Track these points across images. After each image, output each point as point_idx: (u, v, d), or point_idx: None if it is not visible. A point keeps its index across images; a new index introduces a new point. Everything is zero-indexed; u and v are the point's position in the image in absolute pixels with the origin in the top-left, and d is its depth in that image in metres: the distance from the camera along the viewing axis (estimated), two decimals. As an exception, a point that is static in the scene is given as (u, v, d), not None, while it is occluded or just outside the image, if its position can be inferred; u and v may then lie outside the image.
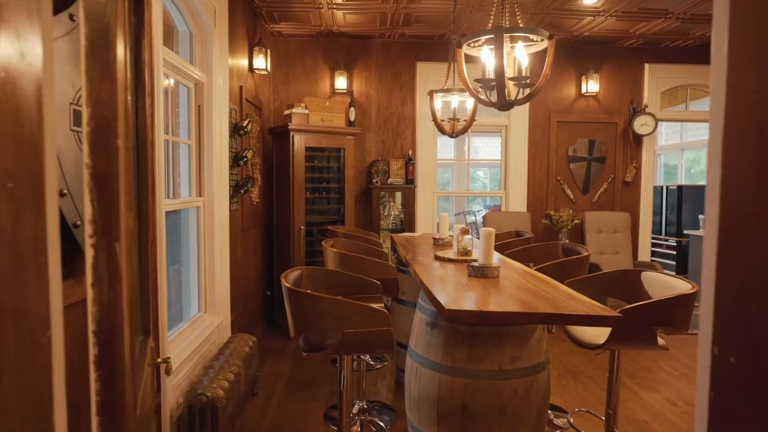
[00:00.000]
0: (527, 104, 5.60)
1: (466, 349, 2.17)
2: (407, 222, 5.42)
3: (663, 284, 2.32)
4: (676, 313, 2.05)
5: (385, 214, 5.56)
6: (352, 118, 5.30)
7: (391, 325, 1.98)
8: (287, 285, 1.96)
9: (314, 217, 5.12)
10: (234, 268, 3.88)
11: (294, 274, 2.21)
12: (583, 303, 1.96)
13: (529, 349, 2.19)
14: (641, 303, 2.00)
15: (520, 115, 5.65)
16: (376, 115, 5.57)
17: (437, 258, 3.02)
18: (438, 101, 3.66)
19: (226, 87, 3.67)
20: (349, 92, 5.42)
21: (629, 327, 1.96)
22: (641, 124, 5.57)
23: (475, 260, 2.93)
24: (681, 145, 8.58)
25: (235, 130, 3.87)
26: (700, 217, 6.99)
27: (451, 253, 3.12)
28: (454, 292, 2.10)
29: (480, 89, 2.32)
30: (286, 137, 4.81)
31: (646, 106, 5.59)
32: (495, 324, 1.94)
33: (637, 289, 2.42)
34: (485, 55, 2.19)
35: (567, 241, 5.49)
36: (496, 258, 3.00)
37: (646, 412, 3.35)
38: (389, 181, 5.44)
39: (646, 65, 5.64)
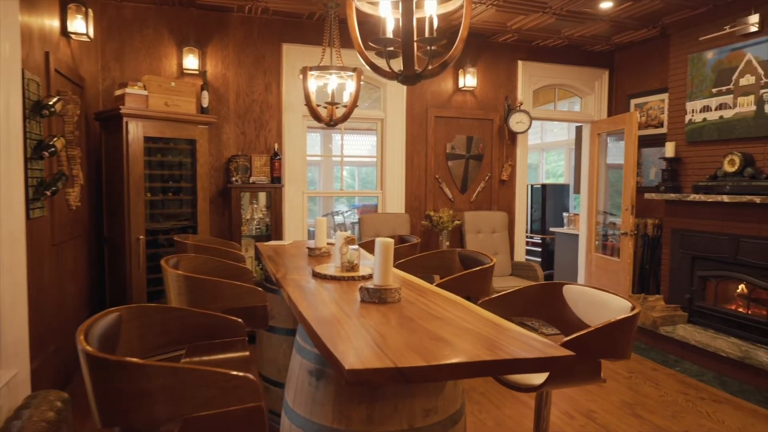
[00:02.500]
0: (404, 96, 5.20)
1: (365, 406, 1.58)
2: (274, 227, 4.68)
3: (590, 299, 1.95)
4: (619, 339, 1.66)
5: (248, 218, 4.76)
6: (205, 104, 4.42)
7: (262, 399, 1.30)
8: (86, 348, 1.18)
9: (159, 223, 4.17)
10: (38, 296, 2.86)
11: (105, 321, 1.42)
12: (521, 339, 1.47)
13: (446, 396, 1.67)
14: (585, 332, 1.57)
15: (397, 107, 5.22)
16: (236, 102, 4.75)
17: (316, 275, 2.39)
18: (312, 82, 3.02)
19: (18, 49, 2.66)
20: (202, 73, 4.53)
21: (574, 362, 1.52)
22: (516, 122, 5.47)
23: (364, 277, 2.35)
24: (542, 146, 8.92)
25: (36, 109, 2.85)
26: (564, 214, 7.23)
27: (332, 268, 2.50)
28: (351, 334, 1.49)
29: (377, 56, 1.74)
30: (118, 124, 3.81)
31: (521, 104, 5.51)
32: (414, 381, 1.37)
33: (560, 307, 2.03)
34: (386, 9, 1.62)
35: (448, 243, 5.19)
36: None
37: None
38: (252, 179, 4.66)
39: (520, 62, 5.56)
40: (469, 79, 5.30)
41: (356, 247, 2.46)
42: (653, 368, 4.08)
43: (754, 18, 4.03)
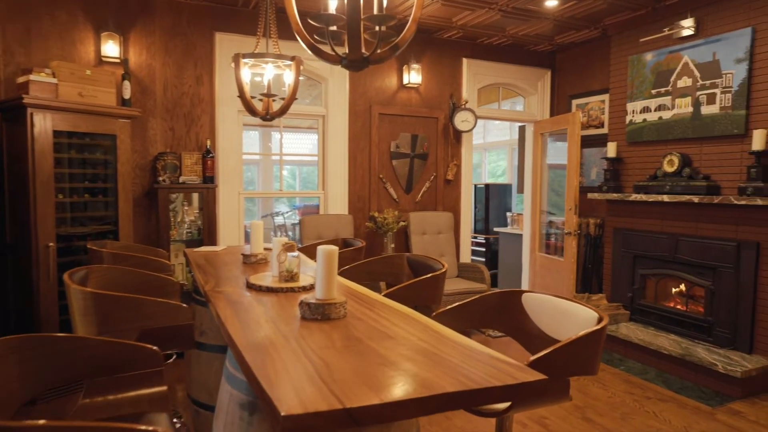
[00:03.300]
0: (347, 92, 4.97)
1: (306, 445, 1.34)
2: (207, 231, 4.32)
3: (552, 309, 1.81)
4: (588, 354, 1.52)
5: (178, 221, 4.38)
6: (126, 96, 4.00)
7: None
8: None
9: (74, 228, 3.72)
10: None
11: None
12: (487, 361, 1.28)
13: (401, 425, 1.47)
14: (553, 349, 1.41)
15: (339, 103, 4.98)
16: (163, 95, 4.35)
17: (251, 287, 2.12)
18: (246, 72, 2.73)
19: None
20: (123, 62, 4.10)
21: (547, 385, 1.35)
22: (462, 120, 5.37)
23: (304, 288, 2.11)
24: (484, 145, 8.95)
25: None
26: (508, 214, 7.24)
27: (269, 278, 2.24)
28: (289, 364, 1.25)
29: (318, 37, 1.51)
30: (21, 116, 3.35)
31: (466, 102, 5.41)
32: (367, 424, 1.15)
33: (520, 317, 1.88)
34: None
35: (393, 245, 5.01)
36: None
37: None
38: (181, 179, 4.28)
39: (465, 60, 5.46)
40: (413, 76, 5.15)
41: (296, 254, 2.22)
42: (600, 368, 4.07)
43: (690, 22, 4.10)
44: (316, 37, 1.55)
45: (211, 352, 2.54)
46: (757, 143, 3.62)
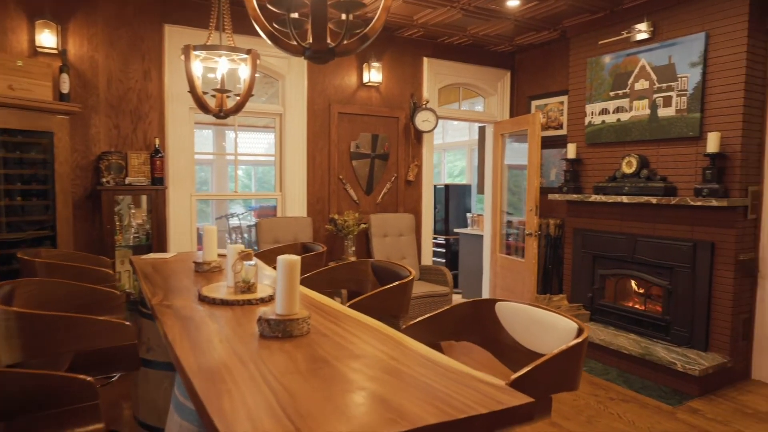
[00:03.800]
0: (305, 89, 4.80)
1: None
2: (156, 236, 4.06)
3: (527, 319, 1.72)
4: (571, 369, 1.43)
5: (125, 224, 4.10)
6: (65, 90, 3.70)
7: None
8: None
9: (4, 234, 3.40)
10: None
11: None
12: (470, 384, 1.17)
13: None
14: (535, 365, 1.32)
15: (297, 102, 4.80)
16: (107, 90, 4.06)
17: (203, 299, 1.95)
18: (198, 65, 2.53)
19: None
20: (61, 53, 3.79)
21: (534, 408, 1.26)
22: (423, 120, 5.29)
23: (263, 299, 1.95)
24: (443, 146, 8.93)
25: None
26: (468, 215, 7.23)
27: (224, 290, 2.07)
28: (247, 393, 1.10)
29: (277, 25, 1.36)
30: (-58, 111, 3.03)
31: (427, 101, 5.33)
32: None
33: (494, 328, 1.78)
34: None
35: (354, 248, 4.87)
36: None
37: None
38: (128, 180, 4.00)
39: (425, 59, 5.39)
40: (374, 74, 5.03)
41: (253, 262, 2.05)
42: (562, 370, 4.07)
43: (646, 26, 4.16)
44: (275, 25, 1.40)
45: (160, 370, 2.34)
46: (711, 145, 3.69)
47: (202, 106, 2.59)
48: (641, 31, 4.19)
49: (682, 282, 3.95)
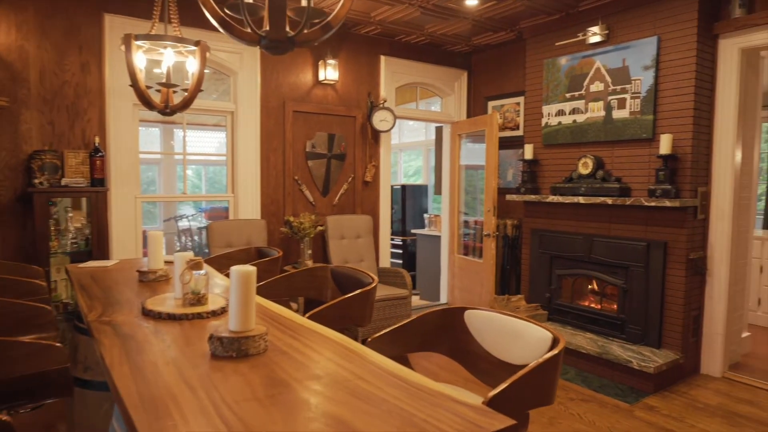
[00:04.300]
0: (258, 86, 4.61)
1: None
2: (96, 242, 3.77)
3: (498, 328, 1.64)
4: (548, 382, 1.36)
5: (61, 229, 3.79)
6: (-10, 83, 3.37)
7: None
8: None
9: None
10: None
11: None
12: (447, 407, 1.07)
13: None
14: (512, 381, 1.23)
15: (250, 99, 4.60)
16: (40, 83, 3.74)
17: (148, 314, 1.77)
18: (140, 56, 2.32)
19: None
20: (-14, 43, 3.46)
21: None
22: (380, 120, 5.19)
23: (215, 312, 1.79)
24: (400, 146, 8.86)
25: None
26: (425, 216, 7.19)
27: (171, 301, 1.90)
28: (194, 426, 0.96)
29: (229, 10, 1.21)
30: None
31: (385, 101, 5.24)
32: None
33: (464, 338, 1.69)
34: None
35: (310, 251, 4.71)
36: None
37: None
38: (64, 181, 3.70)
39: (382, 57, 5.29)
40: (330, 72, 4.88)
41: (204, 271, 1.89)
42: (522, 371, 4.06)
43: (601, 29, 4.21)
44: (227, 11, 1.25)
45: (100, 391, 2.13)
46: (664, 147, 3.77)
47: (146, 102, 2.38)
48: (596, 33, 4.25)
49: (636, 281, 4.02)
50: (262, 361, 1.34)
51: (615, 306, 4.24)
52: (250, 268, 1.41)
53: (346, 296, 2.01)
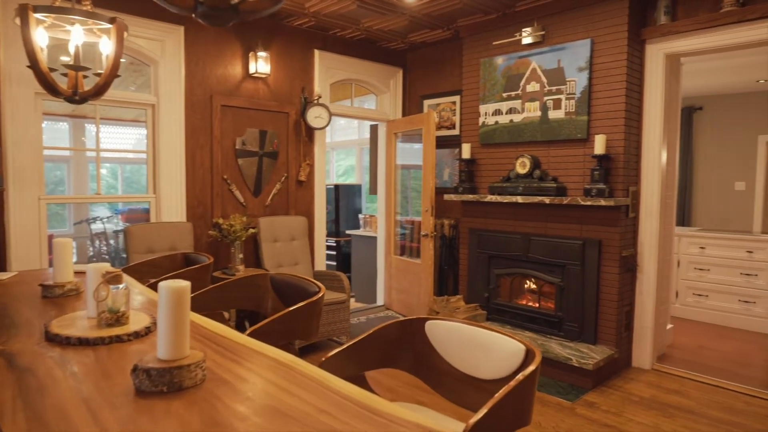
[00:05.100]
0: (182, 77, 4.25)
1: None
2: (-9, 250, 3.29)
3: (463, 340, 1.51)
4: (525, 401, 1.24)
5: (-54, 236, 3.26)
6: None
7: None
8: None
9: None
10: None
11: None
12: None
13: None
14: (494, 404, 1.10)
15: (173, 91, 4.23)
16: None
17: (52, 339, 1.48)
18: (42, 33, 1.98)
19: None
20: None
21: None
22: (315, 116, 4.97)
23: (138, 334, 1.53)
24: (332, 145, 8.65)
25: None
26: (360, 216, 7.04)
27: (82, 322, 1.61)
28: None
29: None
30: None
31: (320, 97, 5.02)
32: None
33: (426, 351, 1.55)
34: None
35: (241, 255, 4.41)
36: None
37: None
38: (-51, 180, 3.19)
39: (317, 51, 5.07)
40: (261, 65, 4.60)
41: (123, 285, 1.62)
42: (464, 373, 4.01)
43: (537, 29, 4.25)
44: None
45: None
46: (598, 147, 3.84)
47: (50, 87, 2.04)
48: (532, 34, 4.28)
49: (573, 279, 4.08)
50: (201, 395, 1.12)
51: (552, 304, 4.29)
52: (184, 284, 1.19)
53: (291, 309, 1.81)
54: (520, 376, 1.19)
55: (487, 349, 1.42)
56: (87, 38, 2.07)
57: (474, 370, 1.45)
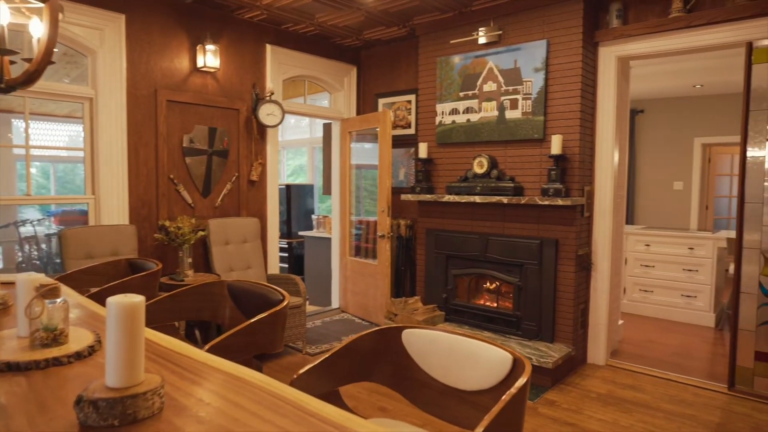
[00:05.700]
0: (123, 69, 3.97)
1: None
2: None
3: (444, 349, 1.42)
4: (517, 416, 1.16)
5: None
6: None
7: None
8: None
9: None
10: None
11: None
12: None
13: None
14: (491, 419, 1.01)
15: (114, 84, 3.94)
16: None
17: (-23, 364, 1.27)
18: (-42, 13, 1.72)
19: None
20: None
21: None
22: (267, 114, 4.77)
23: (80, 355, 1.35)
24: (283, 144, 8.42)
25: None
26: (313, 217, 6.87)
27: (11, 343, 1.41)
28: None
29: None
30: None
31: (272, 93, 4.83)
32: None
33: (402, 362, 1.45)
34: None
35: (190, 260, 4.16)
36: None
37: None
38: None
39: (269, 46, 4.87)
40: (210, 59, 4.36)
41: (62, 299, 1.43)
42: (425, 376, 3.95)
43: (493, 29, 4.25)
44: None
45: None
46: (555, 147, 3.88)
47: (-29, 76, 1.79)
48: (488, 34, 4.27)
49: (530, 278, 4.11)
50: (159, 427, 0.97)
51: (511, 304, 4.30)
52: (137, 299, 1.03)
53: (253, 320, 1.66)
54: (513, 390, 1.11)
55: (471, 359, 1.34)
56: (15, 19, 1.84)
57: (456, 381, 1.36)
